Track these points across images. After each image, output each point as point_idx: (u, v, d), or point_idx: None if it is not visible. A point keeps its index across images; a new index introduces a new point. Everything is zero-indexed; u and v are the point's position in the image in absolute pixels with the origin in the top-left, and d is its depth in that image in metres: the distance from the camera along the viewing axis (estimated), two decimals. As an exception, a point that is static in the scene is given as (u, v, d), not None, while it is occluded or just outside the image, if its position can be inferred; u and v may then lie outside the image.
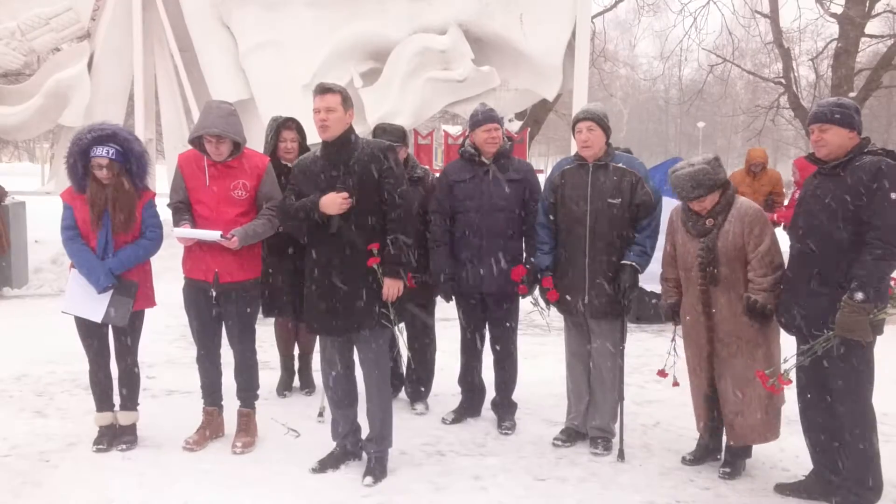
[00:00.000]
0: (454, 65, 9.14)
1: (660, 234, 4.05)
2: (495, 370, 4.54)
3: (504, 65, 9.25)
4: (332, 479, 3.74)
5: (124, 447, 4.03)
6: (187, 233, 3.87)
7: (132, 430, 4.13)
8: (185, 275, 4.05)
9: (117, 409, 4.12)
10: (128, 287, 3.88)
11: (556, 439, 4.23)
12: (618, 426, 4.13)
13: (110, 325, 3.94)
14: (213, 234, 3.82)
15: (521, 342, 4.67)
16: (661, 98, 43.25)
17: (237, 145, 3.94)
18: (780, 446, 4.01)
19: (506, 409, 4.53)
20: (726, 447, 3.88)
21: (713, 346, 3.74)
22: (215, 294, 3.96)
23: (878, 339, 3.28)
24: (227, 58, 9.48)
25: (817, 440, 3.50)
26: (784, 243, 3.60)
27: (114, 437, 4.07)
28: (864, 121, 3.49)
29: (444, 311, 4.90)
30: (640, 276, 4.02)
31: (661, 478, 3.83)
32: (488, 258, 4.26)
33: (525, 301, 4.35)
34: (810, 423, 3.51)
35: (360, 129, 4.58)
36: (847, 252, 3.20)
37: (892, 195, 3.11)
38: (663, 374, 3.95)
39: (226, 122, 3.86)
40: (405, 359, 4.79)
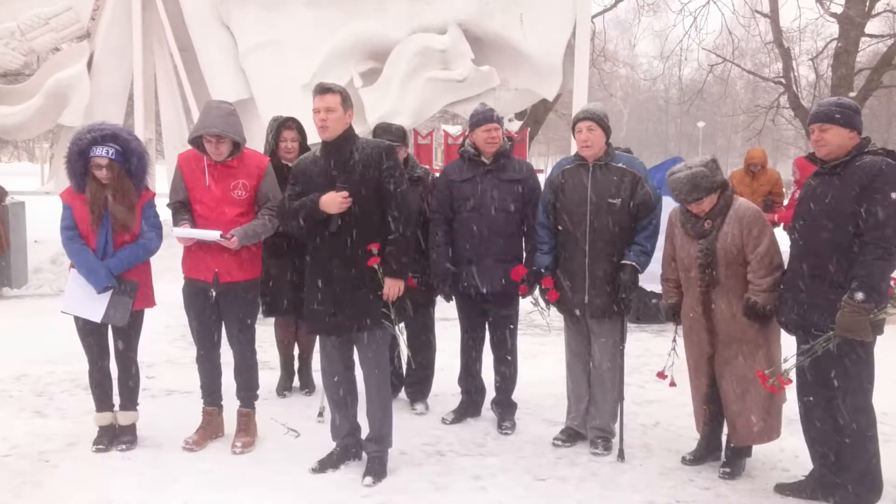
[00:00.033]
0: (454, 65, 9.12)
1: (660, 234, 4.05)
2: (495, 370, 4.54)
3: (504, 64, 9.23)
4: (332, 479, 3.74)
5: (124, 447, 4.02)
6: (187, 233, 3.87)
7: (132, 430, 4.12)
8: (184, 275, 4.05)
9: (117, 409, 4.12)
10: (127, 287, 3.87)
11: (555, 439, 4.23)
12: (618, 426, 4.13)
13: (110, 325, 3.94)
14: (212, 234, 3.82)
15: (521, 342, 4.67)
16: (661, 98, 43.25)
17: (237, 145, 3.94)
18: (780, 446, 4.01)
19: (506, 409, 4.53)
20: (727, 447, 3.88)
21: (714, 347, 3.74)
22: (215, 294, 3.96)
23: (878, 339, 3.28)
24: (226, 58, 9.46)
25: (817, 440, 3.49)
26: (784, 243, 3.60)
27: (113, 437, 4.07)
28: (864, 121, 3.48)
29: (444, 311, 4.90)
30: (640, 276, 4.02)
31: (661, 478, 3.83)
32: (488, 258, 4.26)
33: (525, 301, 4.35)
34: (810, 423, 3.51)
35: (360, 129, 4.58)
36: (847, 252, 3.20)
37: (893, 195, 3.11)
38: (662, 376, 3.94)
39: (225, 122, 3.86)
40: (405, 359, 4.79)
